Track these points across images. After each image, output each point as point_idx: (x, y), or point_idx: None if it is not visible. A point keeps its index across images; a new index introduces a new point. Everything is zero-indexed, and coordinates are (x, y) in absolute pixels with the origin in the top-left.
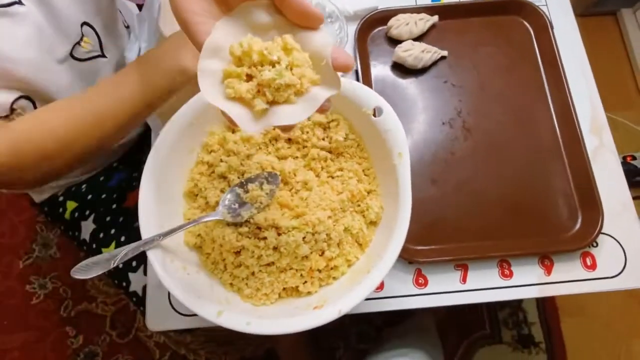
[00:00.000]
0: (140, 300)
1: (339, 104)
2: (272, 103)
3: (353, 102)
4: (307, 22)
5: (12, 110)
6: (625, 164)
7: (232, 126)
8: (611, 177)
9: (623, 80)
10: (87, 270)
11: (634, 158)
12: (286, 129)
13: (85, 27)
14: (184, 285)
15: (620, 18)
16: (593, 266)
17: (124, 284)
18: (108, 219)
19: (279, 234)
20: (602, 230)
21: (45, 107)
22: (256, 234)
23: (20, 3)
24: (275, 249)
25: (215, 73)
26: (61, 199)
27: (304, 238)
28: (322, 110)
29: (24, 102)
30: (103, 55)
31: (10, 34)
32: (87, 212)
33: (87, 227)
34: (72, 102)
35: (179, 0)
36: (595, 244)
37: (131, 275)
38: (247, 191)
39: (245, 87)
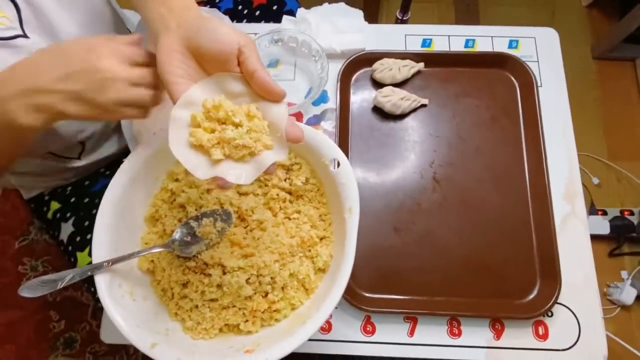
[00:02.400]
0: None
1: (304, 150)
2: (228, 157)
3: (315, 151)
4: (269, 96)
5: None
6: (621, 218)
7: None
8: (578, 247)
9: (632, 129)
10: (35, 289)
11: (632, 213)
12: (224, 186)
13: None
14: (126, 313)
15: (639, 66)
16: (545, 336)
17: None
18: (86, 223)
19: (224, 273)
20: (559, 301)
21: None
22: (202, 270)
23: (24, 36)
24: (219, 286)
25: (183, 121)
26: (47, 198)
27: (248, 279)
28: (267, 172)
29: None
30: None
31: (7, 64)
32: (68, 215)
33: (66, 229)
34: None
35: (164, 61)
36: (550, 314)
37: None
38: (200, 225)
39: (207, 136)
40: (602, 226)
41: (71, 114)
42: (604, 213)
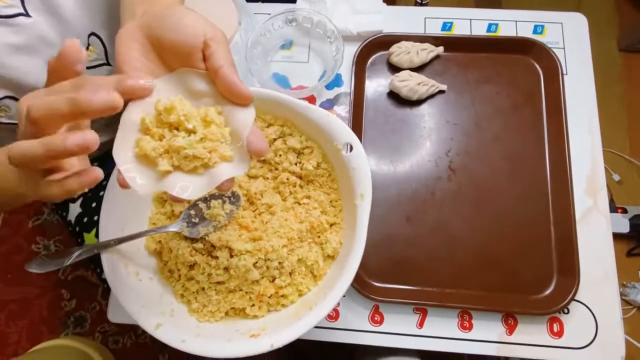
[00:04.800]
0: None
1: (316, 134)
2: (177, 168)
3: (327, 135)
4: (235, 98)
5: None
6: (638, 217)
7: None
8: (599, 242)
9: None
10: (42, 265)
11: None
12: (177, 200)
13: (92, 37)
14: (132, 293)
15: None
16: (560, 333)
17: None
18: (94, 205)
19: (231, 256)
20: (577, 298)
21: None
22: (209, 252)
23: (26, 15)
24: (226, 269)
25: (133, 125)
26: None
27: (255, 263)
28: (220, 188)
29: (9, 102)
30: (108, 64)
31: (8, 43)
32: (77, 195)
33: (74, 210)
34: None
35: (121, 52)
36: (566, 311)
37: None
38: (209, 207)
39: (152, 145)
40: (622, 224)
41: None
42: (624, 211)
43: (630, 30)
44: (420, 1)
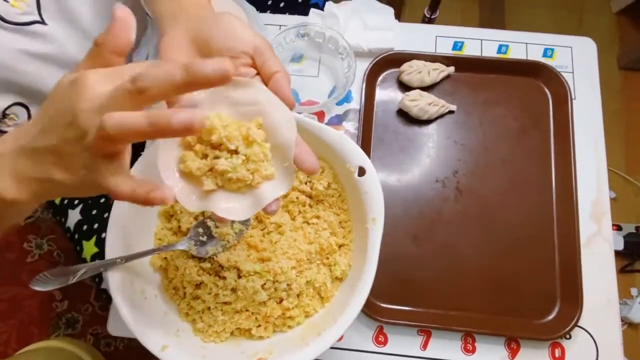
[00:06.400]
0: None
1: (327, 154)
2: (221, 187)
3: (339, 156)
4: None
5: (4, 115)
6: (636, 234)
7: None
8: (602, 268)
9: None
10: (46, 282)
11: None
12: (221, 219)
13: None
14: (137, 313)
15: None
16: (561, 359)
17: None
18: (94, 212)
19: (239, 277)
20: (579, 324)
21: None
22: (217, 272)
23: (42, 22)
24: (233, 290)
25: (175, 139)
26: None
27: (263, 285)
28: (267, 211)
29: (18, 109)
30: None
31: (21, 49)
32: (76, 202)
33: (73, 217)
34: None
35: (167, 58)
36: (568, 336)
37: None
38: (217, 225)
39: (197, 164)
40: (616, 241)
41: (60, 182)
42: (619, 228)
43: (630, 49)
44: (429, 16)
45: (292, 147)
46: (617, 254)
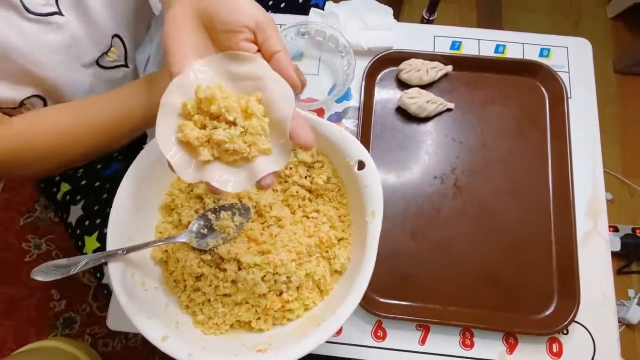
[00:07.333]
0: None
1: (327, 148)
2: (217, 159)
3: (339, 150)
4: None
5: (21, 104)
6: (632, 236)
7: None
8: (598, 265)
9: None
10: (48, 273)
11: None
12: (216, 192)
13: (115, 39)
14: (139, 304)
15: None
16: (559, 354)
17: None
18: (96, 208)
19: (239, 269)
20: (576, 319)
21: (53, 107)
22: (218, 264)
23: (60, 14)
24: (233, 282)
25: (175, 108)
26: (58, 179)
27: (263, 277)
28: (260, 186)
29: (35, 100)
30: (126, 66)
31: (42, 40)
32: (79, 197)
33: (76, 212)
34: (80, 107)
35: (170, 30)
36: (565, 332)
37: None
38: (218, 218)
39: (195, 134)
40: (613, 243)
41: None
42: (616, 230)
43: (626, 54)
44: (427, 18)
45: (288, 121)
46: (614, 255)
